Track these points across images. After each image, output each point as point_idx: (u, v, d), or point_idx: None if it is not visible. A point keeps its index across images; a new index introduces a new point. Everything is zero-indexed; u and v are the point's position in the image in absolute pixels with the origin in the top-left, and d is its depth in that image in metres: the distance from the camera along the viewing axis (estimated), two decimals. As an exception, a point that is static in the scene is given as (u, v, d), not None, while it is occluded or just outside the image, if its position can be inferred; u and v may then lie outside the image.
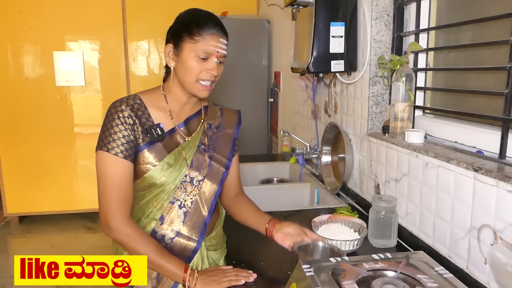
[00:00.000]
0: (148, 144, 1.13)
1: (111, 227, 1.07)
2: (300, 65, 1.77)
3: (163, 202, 1.17)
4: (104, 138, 1.10)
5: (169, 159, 1.16)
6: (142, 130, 1.13)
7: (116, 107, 1.12)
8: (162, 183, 1.15)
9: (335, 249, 1.15)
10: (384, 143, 1.48)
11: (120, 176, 1.09)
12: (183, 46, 1.12)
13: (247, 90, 3.60)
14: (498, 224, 0.96)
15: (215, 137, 1.28)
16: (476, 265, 1.04)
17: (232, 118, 1.35)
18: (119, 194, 1.09)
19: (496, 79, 1.21)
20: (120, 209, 1.09)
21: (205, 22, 1.12)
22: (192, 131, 1.24)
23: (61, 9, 3.64)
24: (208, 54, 1.12)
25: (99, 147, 1.10)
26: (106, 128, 1.10)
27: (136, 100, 1.16)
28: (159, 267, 1.10)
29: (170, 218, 1.17)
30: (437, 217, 1.19)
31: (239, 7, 3.84)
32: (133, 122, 1.12)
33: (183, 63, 1.13)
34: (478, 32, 1.28)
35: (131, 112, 1.12)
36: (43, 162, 3.81)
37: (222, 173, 1.27)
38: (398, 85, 1.41)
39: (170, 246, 1.17)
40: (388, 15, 1.56)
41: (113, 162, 1.09)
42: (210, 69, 1.13)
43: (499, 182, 0.95)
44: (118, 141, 1.09)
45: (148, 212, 1.17)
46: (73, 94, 3.81)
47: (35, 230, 3.82)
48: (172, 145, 1.18)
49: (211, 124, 1.29)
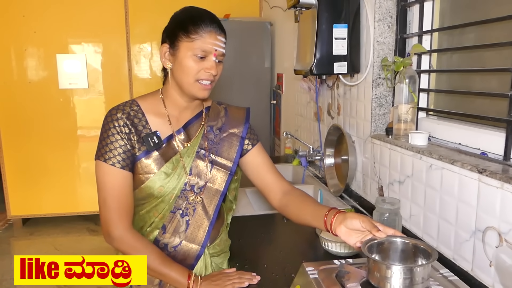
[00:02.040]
0: (145, 153, 1.10)
1: (113, 237, 1.06)
2: (303, 67, 1.77)
3: (164, 212, 1.14)
4: (101, 147, 1.08)
5: (166, 169, 1.12)
6: (138, 139, 1.10)
7: (112, 116, 1.09)
8: (160, 194, 1.12)
9: (419, 248, 0.93)
10: (388, 145, 1.47)
11: (119, 186, 1.07)
12: (179, 45, 1.08)
13: (249, 92, 3.60)
14: (503, 226, 0.95)
15: (217, 139, 1.22)
16: (481, 267, 1.03)
17: (238, 116, 1.27)
18: (119, 204, 1.07)
19: (500, 80, 1.21)
20: (121, 219, 1.07)
21: (201, 20, 1.08)
22: (192, 135, 1.19)
23: (64, 12, 3.65)
24: (206, 52, 1.08)
25: (97, 157, 1.08)
26: (103, 138, 1.08)
27: (133, 107, 1.13)
28: (162, 275, 1.09)
29: (173, 227, 1.15)
30: (441, 219, 1.19)
31: (242, 10, 3.85)
32: (129, 131, 1.09)
33: (180, 63, 1.09)
34: (481, 33, 1.27)
35: (127, 120, 1.09)
36: (46, 165, 3.82)
37: (226, 178, 1.20)
38: (402, 87, 1.40)
39: (173, 254, 1.15)
40: (391, 17, 1.56)
41: (111, 172, 1.07)
42: (209, 68, 1.08)
43: (504, 184, 0.94)
44: (115, 151, 1.07)
45: (150, 222, 1.15)
46: (76, 97, 3.82)
47: (38, 233, 3.82)
48: (169, 153, 1.14)
49: (212, 126, 1.23)
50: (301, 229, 1.54)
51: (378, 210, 1.32)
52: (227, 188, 1.22)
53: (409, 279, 0.83)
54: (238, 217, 1.61)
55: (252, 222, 1.61)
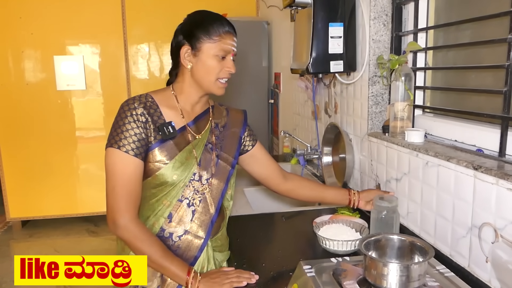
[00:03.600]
0: (160, 142, 1.14)
1: (118, 225, 1.08)
2: (300, 66, 1.77)
3: (172, 200, 1.17)
4: (115, 135, 1.10)
5: (181, 157, 1.16)
6: (154, 128, 1.13)
7: (129, 105, 1.13)
8: (174, 181, 1.16)
9: (416, 245, 0.97)
10: (385, 143, 1.48)
11: (130, 174, 1.09)
12: (201, 47, 1.15)
13: (247, 91, 3.60)
14: (499, 222, 0.96)
15: (221, 136, 1.29)
16: (477, 263, 1.04)
17: (238, 118, 1.37)
18: (128, 192, 1.09)
19: (495, 77, 1.21)
20: (128, 208, 1.09)
21: (220, 22, 1.16)
22: (201, 129, 1.25)
23: (61, 13, 3.65)
24: (226, 52, 1.17)
25: (109, 144, 1.10)
26: (118, 125, 1.11)
27: (148, 99, 1.17)
28: (162, 268, 1.10)
29: (179, 216, 1.18)
30: (438, 216, 1.19)
31: (239, 9, 3.85)
32: (146, 120, 1.13)
33: (203, 64, 1.16)
34: (476, 30, 1.28)
35: (144, 110, 1.13)
36: (45, 166, 3.81)
37: (228, 172, 1.28)
38: (398, 84, 1.41)
39: (177, 244, 1.18)
40: (387, 15, 1.56)
41: (123, 160, 1.09)
42: (229, 67, 1.19)
43: (499, 180, 0.95)
44: (130, 138, 1.09)
45: (157, 210, 1.17)
46: (74, 98, 3.81)
47: (38, 234, 3.83)
48: (183, 143, 1.18)
49: (217, 123, 1.30)
50: (299, 228, 1.55)
51: (376, 208, 1.32)
52: (228, 182, 1.28)
53: (405, 276, 0.84)
54: (236, 217, 1.62)
55: (251, 222, 1.62)
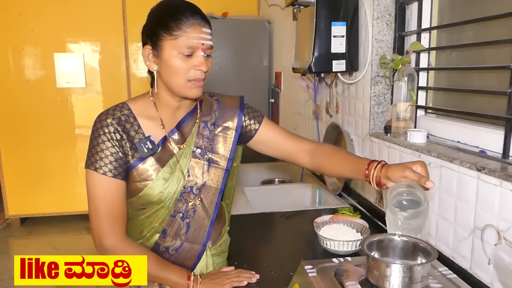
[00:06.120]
0: (140, 160, 1.05)
1: (107, 248, 1.02)
2: (301, 65, 1.77)
3: (164, 217, 1.11)
4: (91, 155, 1.02)
5: (164, 173, 1.07)
6: (130, 146, 1.04)
7: (102, 121, 1.03)
8: (160, 200, 1.08)
9: (419, 246, 0.91)
10: (386, 143, 1.47)
11: (111, 195, 1.02)
12: (162, 45, 1.00)
13: (248, 91, 3.58)
14: (502, 224, 0.95)
15: (212, 135, 1.17)
16: (479, 265, 1.03)
17: (231, 106, 1.22)
18: (111, 214, 1.03)
19: (499, 78, 1.20)
20: (114, 229, 1.03)
21: (181, 13, 0.98)
22: (187, 134, 1.13)
23: (61, 10, 3.64)
24: (193, 48, 1.00)
25: (87, 165, 1.03)
26: (93, 145, 1.02)
27: (124, 111, 1.06)
28: (161, 279, 1.08)
29: (173, 231, 1.12)
30: (440, 218, 1.19)
31: (240, 8, 3.84)
32: (121, 138, 1.03)
33: (166, 64, 1.01)
34: (480, 31, 1.27)
35: (117, 126, 1.03)
36: (44, 164, 3.81)
37: (223, 175, 1.18)
38: (400, 84, 1.40)
39: (174, 256, 1.14)
40: (390, 15, 1.55)
41: (102, 182, 1.01)
42: (198, 65, 1.01)
43: (503, 181, 0.94)
44: (106, 159, 1.01)
45: (150, 227, 1.11)
46: (74, 96, 3.80)
47: (37, 232, 3.82)
48: (166, 157, 1.08)
49: (206, 121, 1.17)
50: (300, 228, 1.54)
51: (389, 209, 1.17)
52: (225, 185, 1.20)
53: (408, 278, 0.83)
54: (236, 216, 1.61)
55: (251, 221, 1.61)
